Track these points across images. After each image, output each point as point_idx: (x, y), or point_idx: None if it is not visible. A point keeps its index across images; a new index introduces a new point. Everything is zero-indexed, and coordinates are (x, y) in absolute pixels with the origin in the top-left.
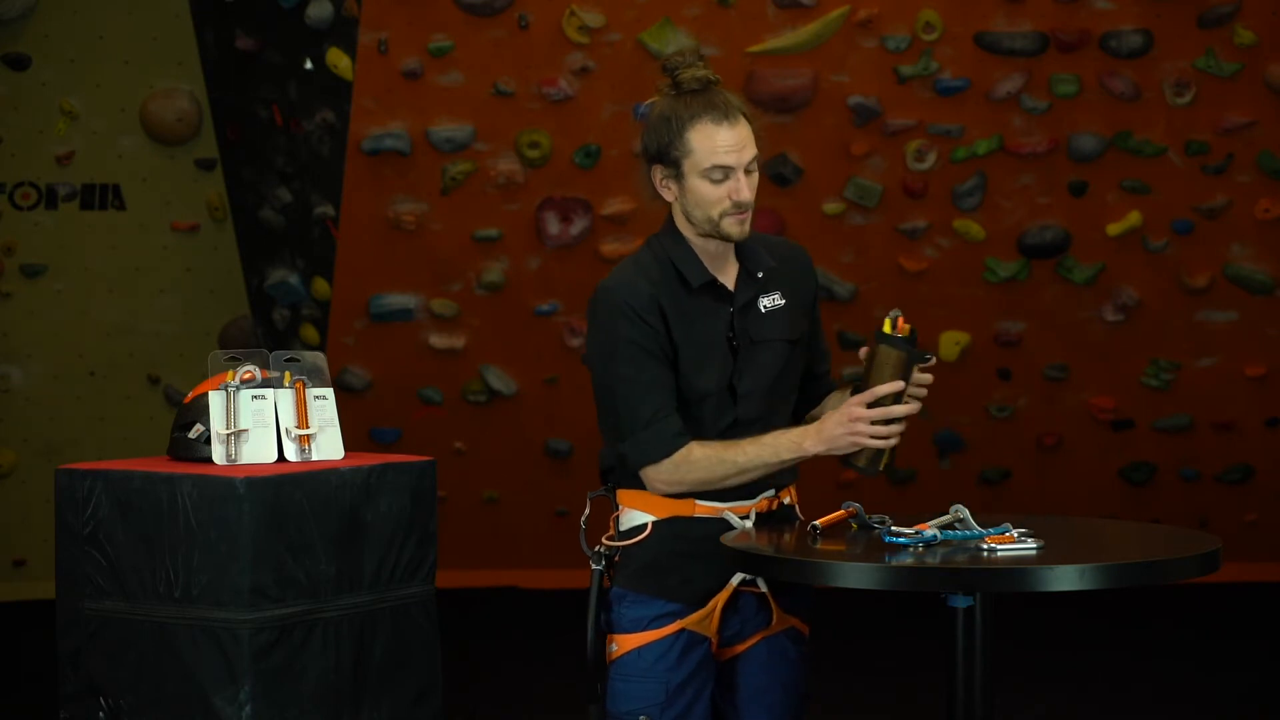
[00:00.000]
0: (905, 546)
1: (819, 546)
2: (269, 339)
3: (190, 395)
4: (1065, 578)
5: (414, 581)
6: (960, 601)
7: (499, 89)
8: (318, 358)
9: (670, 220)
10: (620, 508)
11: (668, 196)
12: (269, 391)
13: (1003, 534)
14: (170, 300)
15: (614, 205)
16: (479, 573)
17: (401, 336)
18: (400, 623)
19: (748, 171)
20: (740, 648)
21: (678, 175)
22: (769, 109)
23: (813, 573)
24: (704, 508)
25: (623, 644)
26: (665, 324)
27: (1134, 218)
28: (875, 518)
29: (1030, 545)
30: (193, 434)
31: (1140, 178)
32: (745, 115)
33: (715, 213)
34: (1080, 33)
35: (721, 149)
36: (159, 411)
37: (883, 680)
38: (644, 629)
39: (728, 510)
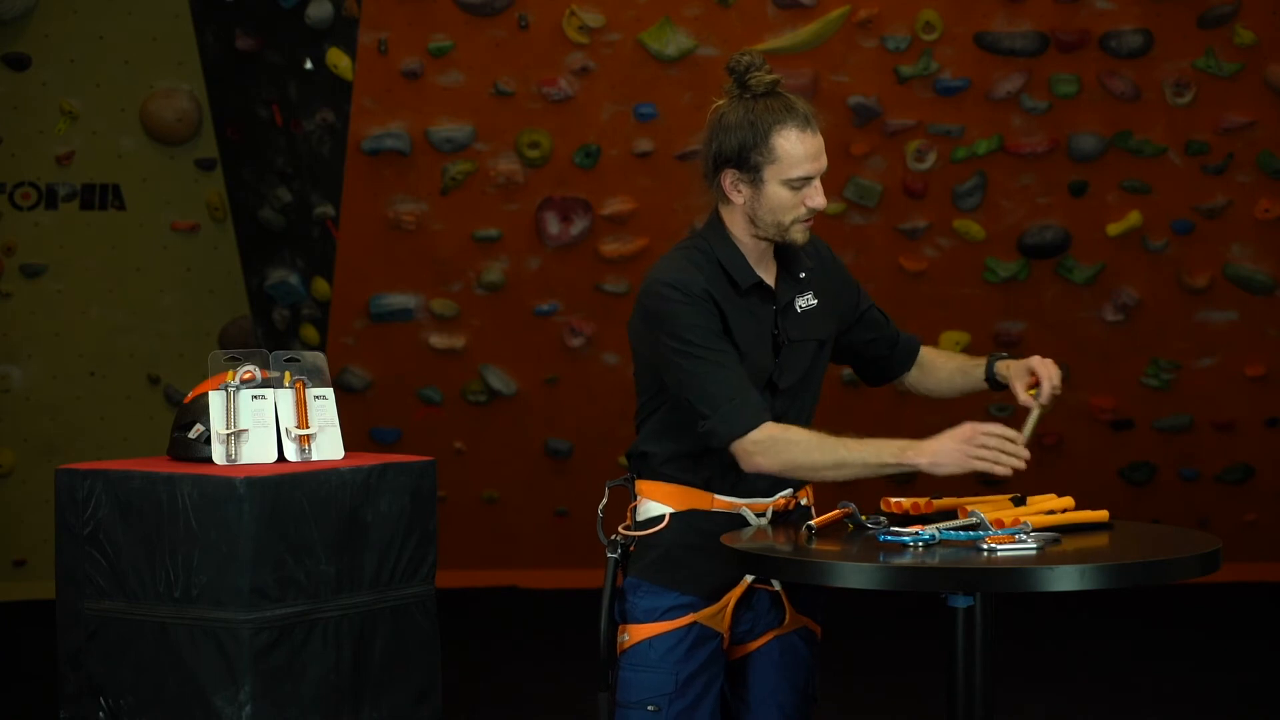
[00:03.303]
0: (905, 546)
1: (815, 546)
2: (269, 339)
3: (190, 395)
4: (1065, 578)
5: (414, 581)
6: (960, 601)
7: (499, 89)
8: (318, 358)
9: (719, 219)
10: (638, 498)
11: (736, 199)
12: (269, 391)
13: (1008, 534)
14: (170, 300)
15: (614, 205)
16: (479, 573)
17: (401, 336)
18: (400, 623)
19: (822, 178)
20: (752, 646)
21: (755, 180)
22: None
23: (813, 572)
24: (722, 502)
25: (634, 634)
26: (721, 314)
27: (1134, 218)
28: (871, 518)
29: (1030, 545)
30: (193, 434)
31: (1140, 178)
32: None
33: (788, 219)
34: (1080, 33)
35: (808, 158)
36: (159, 411)
37: (883, 680)
38: (656, 620)
39: (745, 506)
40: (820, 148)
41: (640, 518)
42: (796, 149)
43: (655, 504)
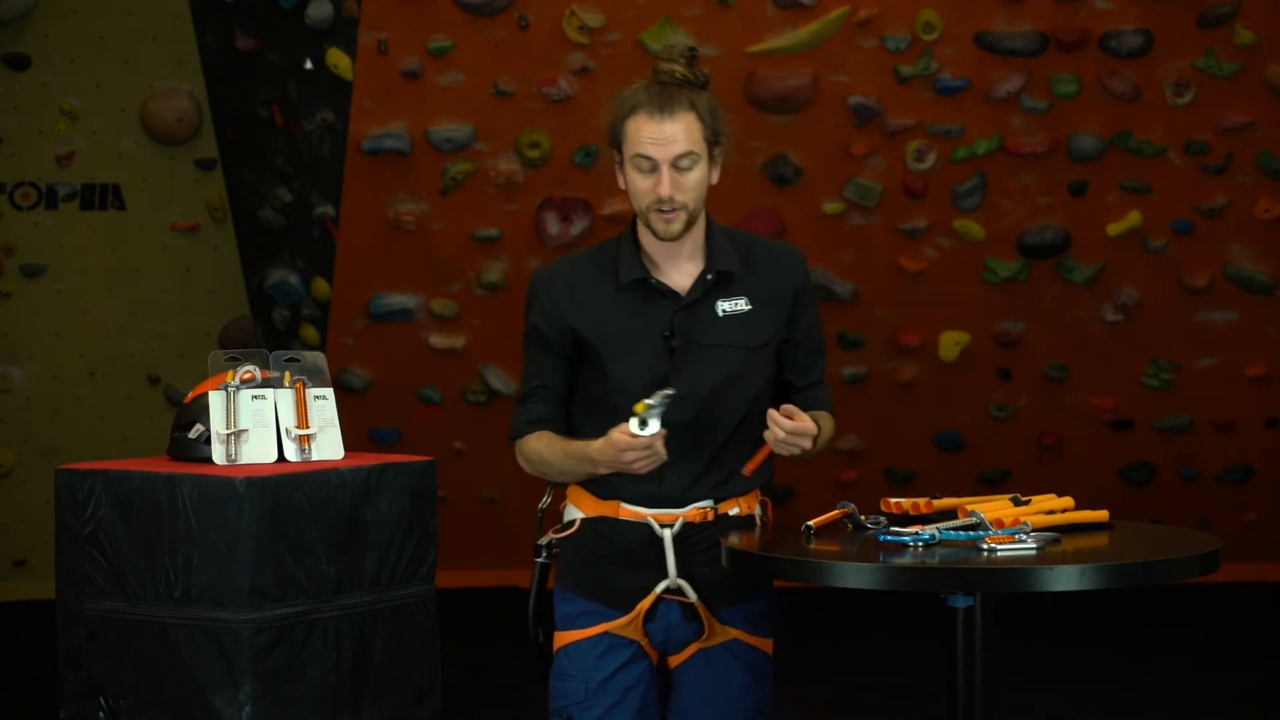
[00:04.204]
0: (905, 546)
1: (814, 546)
2: (269, 339)
3: (190, 395)
4: (1065, 578)
5: (414, 581)
6: (960, 601)
7: (499, 89)
8: (318, 358)
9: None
10: (565, 501)
11: (620, 184)
12: (269, 391)
13: (1008, 534)
14: (170, 300)
15: (614, 205)
16: (479, 573)
17: (401, 336)
18: (400, 623)
19: (680, 169)
20: (679, 658)
21: (621, 162)
22: (769, 109)
23: (813, 573)
24: (628, 511)
25: (557, 640)
26: (570, 314)
27: (1134, 218)
28: (871, 518)
29: (1030, 545)
30: (193, 434)
31: (1140, 178)
32: (698, 114)
33: (643, 204)
34: (1080, 33)
35: (647, 139)
36: (159, 411)
37: (883, 680)
38: (570, 627)
39: (651, 516)
40: (673, 133)
41: (564, 520)
42: (639, 129)
43: (573, 508)
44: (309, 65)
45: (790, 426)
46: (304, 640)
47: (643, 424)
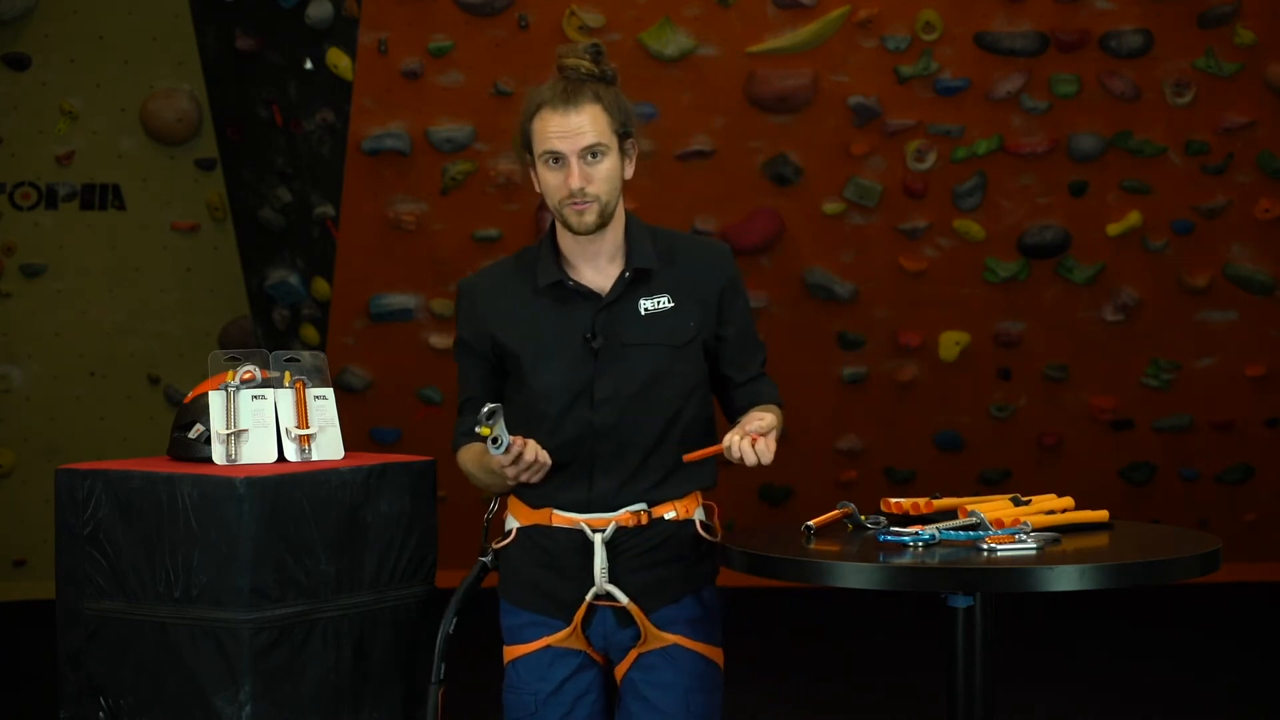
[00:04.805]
0: (905, 546)
1: (814, 546)
2: (269, 339)
3: (190, 395)
4: (1065, 578)
5: (414, 581)
6: (960, 601)
7: (499, 89)
8: (318, 358)
9: None
10: (505, 510)
11: (536, 187)
12: (269, 391)
13: (1008, 534)
14: (170, 300)
15: None
16: None
17: (401, 336)
18: (400, 623)
19: (591, 158)
20: (622, 667)
21: (533, 162)
22: (769, 109)
23: (813, 573)
24: (561, 518)
25: (506, 654)
26: (492, 322)
27: (1134, 218)
28: (871, 518)
29: (1030, 545)
30: (193, 434)
31: (1140, 178)
32: (604, 105)
33: (555, 200)
34: (1080, 33)
35: (553, 134)
36: (159, 411)
37: (883, 680)
38: (516, 640)
39: (584, 522)
40: (578, 125)
41: (505, 530)
42: (545, 125)
43: (511, 517)
44: (309, 65)
45: (765, 458)
46: (304, 640)
47: (495, 443)
